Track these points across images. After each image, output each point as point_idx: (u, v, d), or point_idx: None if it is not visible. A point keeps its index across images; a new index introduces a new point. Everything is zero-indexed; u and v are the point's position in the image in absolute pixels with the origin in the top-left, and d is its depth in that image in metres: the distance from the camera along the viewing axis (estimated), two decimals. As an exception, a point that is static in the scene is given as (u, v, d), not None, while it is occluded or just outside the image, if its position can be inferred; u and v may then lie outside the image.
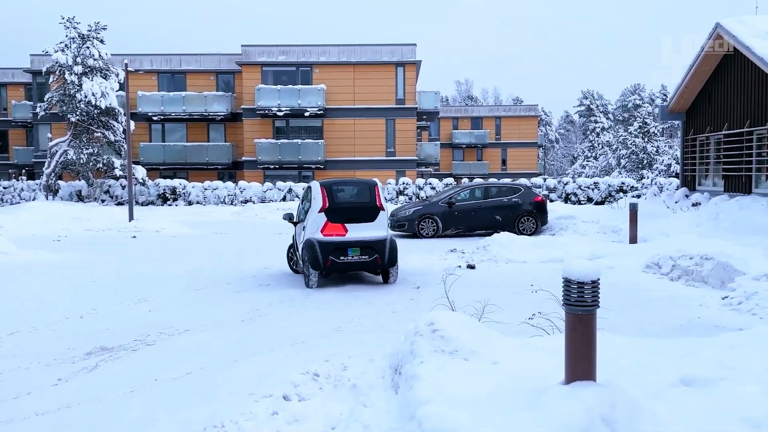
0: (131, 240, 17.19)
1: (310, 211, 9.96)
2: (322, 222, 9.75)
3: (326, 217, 9.76)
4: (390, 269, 10.05)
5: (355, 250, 9.73)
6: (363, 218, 9.96)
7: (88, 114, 28.81)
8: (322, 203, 9.80)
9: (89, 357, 5.94)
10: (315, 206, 9.87)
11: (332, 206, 9.81)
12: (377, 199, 10.17)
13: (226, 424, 4.04)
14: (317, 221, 9.78)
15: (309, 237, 9.81)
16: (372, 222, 9.99)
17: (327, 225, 9.74)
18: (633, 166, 46.23)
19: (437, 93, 39.80)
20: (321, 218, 9.77)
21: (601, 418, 3.12)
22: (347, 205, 10.07)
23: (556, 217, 18.04)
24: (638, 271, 10.33)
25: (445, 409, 3.32)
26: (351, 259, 9.72)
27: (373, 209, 10.09)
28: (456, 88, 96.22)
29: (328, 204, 9.81)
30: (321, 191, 9.92)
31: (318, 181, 10.32)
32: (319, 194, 9.89)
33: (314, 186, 10.20)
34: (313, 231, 9.79)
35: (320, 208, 9.78)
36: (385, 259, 9.80)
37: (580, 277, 3.34)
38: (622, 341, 5.05)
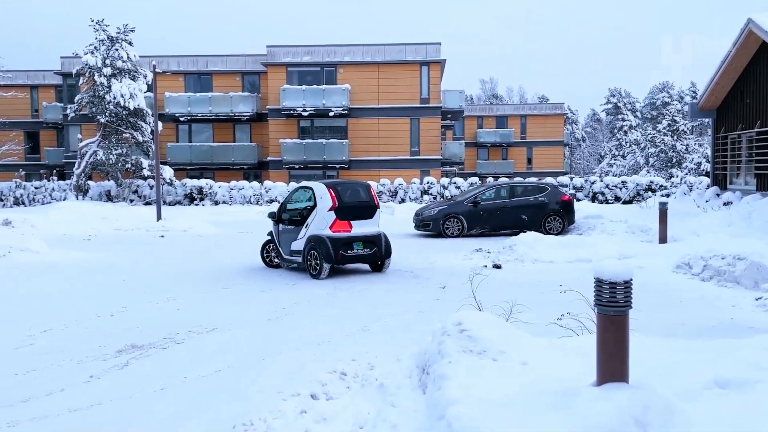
0: (159, 239, 17.42)
1: (318, 210, 10.75)
2: (331, 219, 10.66)
3: (335, 215, 10.66)
4: (386, 260, 11.24)
5: (359, 244, 10.85)
6: (364, 216, 11.09)
7: (117, 115, 29.26)
8: (332, 203, 10.64)
9: (120, 355, 6.02)
10: (323, 205, 10.69)
11: (340, 205, 10.70)
12: (374, 198, 11.37)
13: (255, 423, 4.07)
14: (326, 219, 10.66)
15: (316, 233, 10.64)
16: (371, 219, 11.18)
17: (336, 222, 10.69)
18: (662, 164, 45.54)
19: (462, 92, 39.66)
20: (330, 216, 10.65)
21: (634, 420, 3.07)
22: (352, 204, 10.97)
23: (583, 217, 17.84)
24: (668, 272, 10.16)
25: (474, 410, 3.30)
26: (356, 253, 10.82)
27: (372, 208, 11.25)
28: (480, 86, 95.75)
29: (337, 203, 10.66)
30: (329, 191, 10.76)
31: (321, 183, 11.13)
32: (327, 194, 10.72)
33: (319, 187, 10.97)
34: (322, 228, 10.66)
35: (330, 207, 10.64)
36: (382, 251, 11.06)
37: (612, 277, 3.29)
38: (653, 342, 4.97)
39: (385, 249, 11.08)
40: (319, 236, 10.55)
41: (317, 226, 10.70)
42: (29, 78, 41.70)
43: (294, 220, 11.33)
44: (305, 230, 10.90)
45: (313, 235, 10.64)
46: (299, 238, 11.00)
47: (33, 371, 5.51)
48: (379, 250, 11.01)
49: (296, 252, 11.07)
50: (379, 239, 11.06)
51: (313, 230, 10.72)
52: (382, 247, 11.05)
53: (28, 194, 32.25)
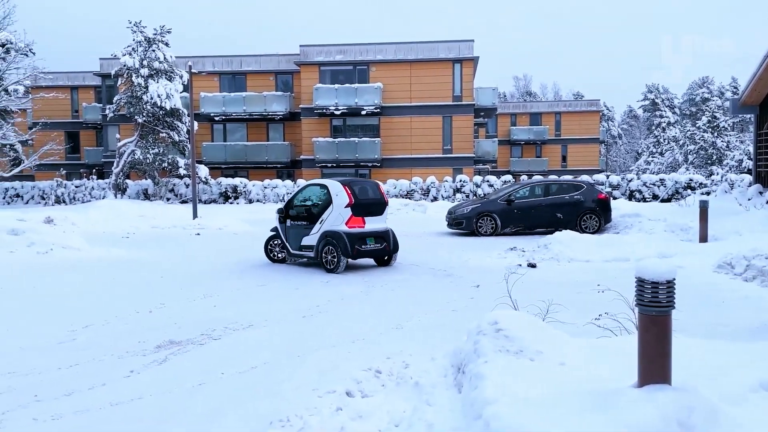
0: (195, 237, 17.69)
1: (334, 206, 11.15)
2: (347, 215, 11.09)
3: (351, 212, 11.09)
4: (393, 255, 11.78)
5: (371, 239, 11.32)
6: (376, 212, 11.58)
7: (154, 115, 29.79)
8: (348, 199, 11.06)
9: (159, 350, 6.13)
10: (340, 202, 11.11)
11: (356, 202, 11.13)
12: (384, 195, 11.89)
13: (292, 419, 4.09)
14: (343, 215, 11.10)
15: (332, 229, 11.08)
16: (381, 216, 11.69)
17: (351, 218, 11.12)
18: (701, 161, 44.49)
19: (495, 89, 39.34)
20: (347, 212, 11.09)
21: (678, 423, 3.00)
22: (365, 201, 11.40)
23: (620, 215, 17.52)
24: (709, 271, 9.92)
25: (513, 410, 3.26)
26: (369, 247, 11.26)
27: (383, 204, 11.77)
28: (514, 83, 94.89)
29: (353, 200, 11.08)
30: (344, 189, 11.16)
31: (335, 180, 11.55)
32: (343, 191, 11.13)
33: (334, 184, 11.35)
34: (338, 224, 11.10)
35: (347, 204, 11.07)
36: (391, 246, 11.59)
37: (655, 276, 3.22)
38: (695, 343, 4.85)
39: (393, 244, 11.62)
40: (335, 232, 10.99)
41: (333, 222, 11.13)
42: (69, 79, 42.75)
43: (303, 216, 11.76)
44: (319, 226, 11.31)
45: (329, 230, 11.08)
46: (312, 233, 11.41)
47: (75, 366, 5.64)
48: (388, 245, 11.52)
49: (307, 247, 11.52)
50: (388, 235, 11.58)
51: (328, 226, 11.15)
52: (391, 243, 11.58)
53: (69, 193, 33.11)
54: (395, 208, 25.78)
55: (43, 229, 14.51)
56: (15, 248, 13.01)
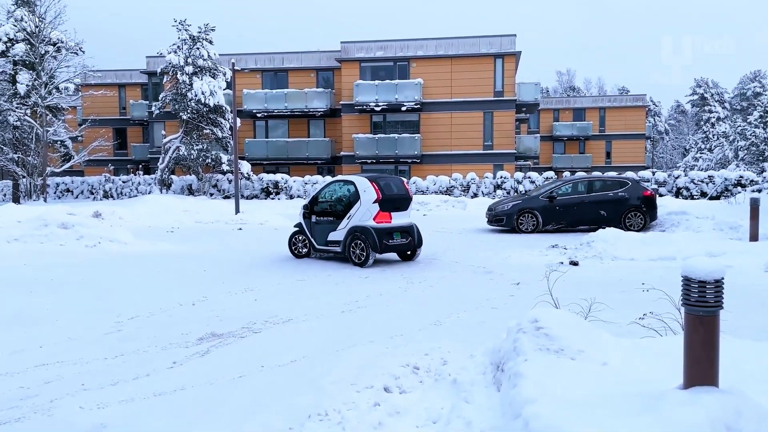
0: (237, 232, 17.97)
1: (362, 202, 11.32)
2: (375, 211, 11.27)
3: (379, 207, 11.27)
4: (417, 250, 11.92)
5: (398, 234, 11.53)
6: (401, 207, 11.76)
7: (198, 112, 30.33)
8: (376, 195, 11.23)
9: (201, 342, 6.24)
10: (367, 198, 11.28)
11: (383, 198, 11.30)
12: (408, 191, 12.02)
13: (330, 413, 4.12)
14: (371, 210, 11.27)
15: (360, 224, 11.26)
16: (406, 211, 11.87)
17: (379, 213, 11.30)
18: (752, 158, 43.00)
19: (537, 84, 38.79)
20: (375, 208, 11.27)
21: (726, 427, 2.90)
22: (392, 196, 11.55)
23: (666, 213, 17.08)
24: (760, 271, 9.58)
25: (553, 410, 3.21)
26: (396, 242, 11.47)
27: (408, 200, 11.93)
28: (557, 78, 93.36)
29: (381, 196, 11.25)
30: (372, 185, 11.31)
31: (362, 176, 11.73)
32: (371, 187, 11.29)
33: (361, 180, 11.51)
34: (366, 219, 11.27)
35: (375, 200, 11.24)
36: (415, 241, 11.75)
37: (702, 275, 3.12)
38: (744, 345, 4.69)
39: (417, 239, 11.79)
40: (364, 227, 11.19)
41: (361, 217, 11.32)
42: (117, 77, 43.85)
43: (329, 212, 11.94)
44: (347, 221, 11.48)
45: (357, 225, 11.28)
46: (339, 228, 11.59)
47: (121, 356, 5.79)
48: (413, 240, 11.70)
49: (334, 242, 11.70)
50: (413, 230, 11.79)
51: (356, 221, 11.34)
52: (416, 237, 11.75)
53: (116, 188, 34.02)
54: (435, 204, 25.69)
55: (92, 223, 14.94)
56: (65, 241, 13.44)
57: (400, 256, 12.11)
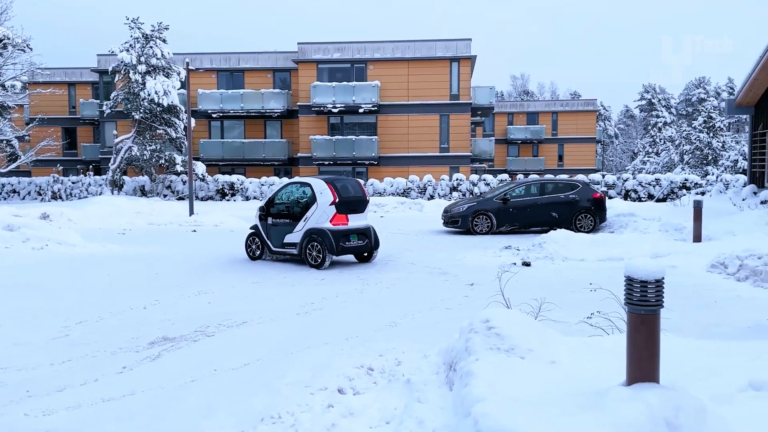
0: (191, 234, 17.68)
1: (318, 204, 11.35)
2: (332, 213, 11.28)
3: (336, 209, 11.28)
4: (374, 251, 12.01)
5: (354, 236, 11.54)
6: (358, 209, 11.76)
7: (151, 112, 29.75)
8: (333, 197, 11.25)
9: (152, 346, 6.13)
10: (324, 200, 11.30)
11: (340, 200, 11.30)
12: (365, 193, 12.06)
13: (283, 416, 4.11)
14: (327, 212, 11.29)
15: (317, 226, 11.29)
16: (363, 213, 11.89)
17: (336, 216, 11.31)
18: (697, 162, 44.55)
19: (492, 88, 39.35)
20: (331, 210, 11.28)
21: (665, 422, 3.01)
22: (348, 198, 11.56)
23: (615, 215, 17.57)
24: (703, 271, 9.95)
25: (501, 408, 3.28)
26: (353, 244, 11.50)
27: (365, 202, 11.95)
28: (511, 82, 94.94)
29: (337, 198, 11.25)
30: (328, 187, 11.34)
31: (318, 178, 11.74)
32: (327, 189, 11.32)
33: (318, 182, 11.54)
34: (323, 221, 11.29)
35: (331, 202, 11.25)
36: (372, 243, 11.81)
37: (644, 275, 3.24)
38: (686, 343, 4.87)
39: (374, 241, 11.87)
40: (320, 229, 11.22)
41: (318, 219, 11.34)
42: (67, 75, 42.65)
43: (286, 214, 11.95)
44: (303, 224, 11.50)
45: (314, 228, 11.31)
46: (296, 231, 11.60)
47: (68, 361, 5.65)
48: (370, 242, 11.77)
49: (290, 244, 11.69)
50: (370, 231, 11.83)
51: (313, 223, 11.37)
52: (372, 239, 11.82)
53: (66, 189, 33.05)
54: (392, 206, 25.79)
55: (39, 224, 14.49)
56: (10, 244, 13.00)
57: (356, 257, 12.16)
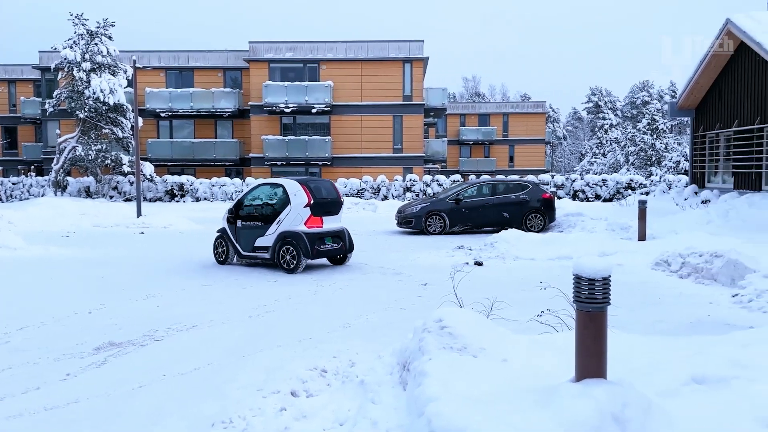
0: (139, 236, 17.25)
1: (292, 206, 10.95)
2: (307, 215, 10.93)
3: (311, 211, 10.94)
4: (349, 254, 11.70)
5: (329, 239, 11.24)
6: (333, 211, 11.49)
7: (97, 110, 28.90)
8: (307, 199, 10.91)
9: (98, 352, 5.95)
10: (298, 202, 10.93)
11: (315, 201, 11.00)
12: (339, 195, 11.80)
13: (235, 420, 4.04)
14: (302, 215, 10.92)
15: (290, 229, 10.88)
16: (337, 215, 11.62)
17: (310, 218, 10.97)
18: (641, 162, 45.95)
19: (444, 89, 39.71)
20: (306, 212, 10.93)
21: (613, 417, 3.09)
22: (323, 200, 11.25)
23: (564, 214, 17.97)
24: (647, 269, 10.26)
25: (454, 407, 3.30)
26: (328, 247, 11.17)
27: (339, 204, 11.70)
28: (463, 84, 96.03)
29: (312, 200, 10.93)
30: (303, 188, 11.00)
31: (291, 179, 11.34)
32: (301, 191, 10.97)
33: (291, 184, 11.17)
34: (297, 224, 10.92)
35: (306, 203, 10.91)
36: (347, 245, 11.53)
37: (591, 273, 3.31)
38: (632, 339, 5.01)
39: (349, 243, 11.58)
40: (295, 232, 10.82)
41: (291, 222, 10.95)
42: (7, 72, 41.07)
43: (256, 216, 11.46)
44: (276, 226, 11.06)
45: (288, 231, 10.89)
46: (268, 234, 11.16)
47: (8, 369, 5.42)
48: (344, 245, 11.49)
49: (261, 248, 11.26)
50: (344, 234, 11.56)
51: (287, 226, 10.96)
52: (347, 242, 11.54)
53: (6, 190, 31.76)
54: (346, 207, 25.73)
55: (-24, 227, 13.88)
56: (-55, 248, 12.41)
57: (330, 260, 11.82)
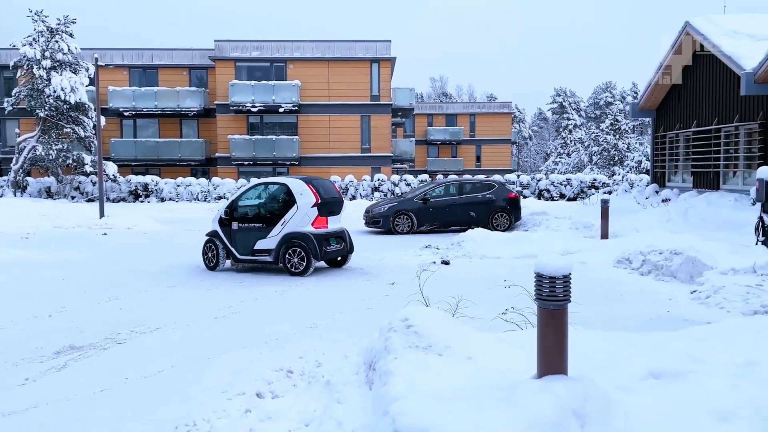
0: (102, 237, 16.92)
1: (299, 206, 10.49)
2: (314, 216, 10.52)
3: (317, 212, 10.52)
4: (349, 255, 11.37)
5: (333, 239, 10.85)
6: (335, 211, 11.11)
7: (57, 109, 28.25)
8: (314, 199, 10.49)
9: (58, 356, 5.83)
10: (305, 201, 10.48)
11: (322, 201, 10.59)
12: (340, 194, 11.44)
13: (198, 423, 4.00)
14: (309, 215, 10.49)
15: (297, 230, 10.44)
16: (338, 215, 11.24)
17: (317, 218, 10.56)
18: (604, 162, 46.82)
19: (412, 89, 39.85)
20: (313, 212, 10.51)
21: (573, 412, 3.15)
22: (328, 200, 10.85)
23: (529, 213, 18.21)
24: (609, 266, 10.47)
25: (418, 405, 3.32)
26: (332, 248, 10.78)
27: (341, 203, 11.34)
28: (431, 84, 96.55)
29: (319, 199, 10.53)
30: (309, 188, 10.55)
31: (295, 178, 10.89)
32: (308, 190, 10.53)
33: (296, 183, 10.70)
34: (304, 224, 10.48)
35: (313, 203, 10.48)
36: (348, 246, 11.19)
37: (552, 272, 3.37)
38: (593, 335, 5.11)
39: (350, 244, 11.25)
40: (302, 233, 10.39)
41: (298, 222, 10.49)
42: (-38, 69, 39.81)
43: (256, 218, 10.90)
44: (280, 227, 10.55)
45: (294, 232, 10.43)
46: (270, 236, 10.61)
47: (-36, 375, 5.28)
48: (347, 246, 11.15)
49: (262, 251, 10.68)
50: (345, 234, 11.23)
51: (293, 227, 10.48)
52: (348, 242, 11.21)
53: (-38, 191, 30.81)
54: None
55: (-70, 229, 13.45)
56: None
57: (328, 263, 11.46)
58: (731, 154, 16.50)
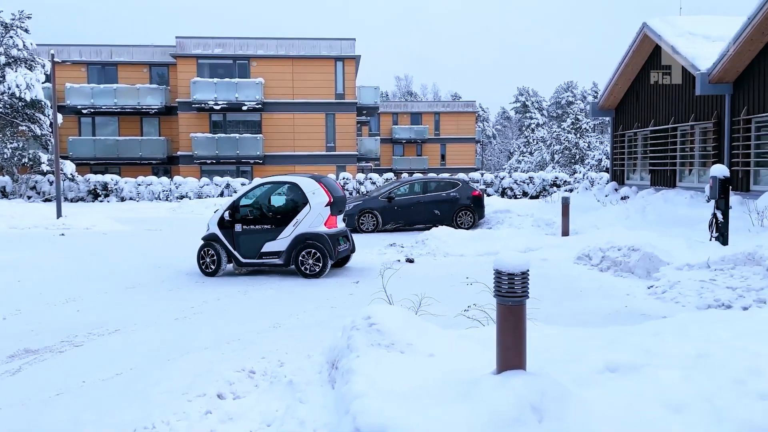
0: (59, 238, 16.50)
1: (312, 206, 10.17)
2: (327, 215, 10.20)
3: (330, 211, 10.22)
4: (351, 255, 11.08)
5: (342, 239, 10.56)
6: (342, 210, 10.87)
7: (12, 106, 27.47)
8: (327, 198, 10.19)
9: (12, 360, 5.67)
10: (318, 201, 10.17)
11: (334, 200, 10.31)
12: (344, 192, 10.93)
13: (158, 425, 3.95)
14: (322, 215, 10.17)
15: (311, 230, 10.09)
16: (341, 215, 10.92)
17: (329, 218, 10.26)
18: (566, 161, 47.58)
19: (377, 88, 39.88)
20: (326, 212, 10.20)
21: (531, 407, 3.20)
22: (337, 199, 10.56)
23: (492, 211, 18.41)
24: (570, 263, 10.64)
25: (379, 403, 3.34)
26: (342, 248, 10.47)
27: (346, 201, 11.05)
28: (396, 83, 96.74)
29: (332, 198, 10.26)
30: (321, 186, 10.24)
31: (305, 177, 10.54)
32: (320, 189, 10.22)
33: (307, 181, 10.34)
34: (317, 224, 10.15)
35: (327, 203, 10.18)
36: (352, 246, 10.97)
37: (510, 268, 3.42)
38: (552, 331, 5.20)
39: (353, 244, 11.04)
40: (316, 233, 10.06)
41: (311, 223, 10.14)
42: None
43: (263, 219, 10.44)
44: (293, 228, 10.16)
45: (308, 232, 10.07)
46: (280, 237, 10.19)
47: None
48: (351, 245, 10.96)
49: (271, 254, 10.22)
50: (349, 234, 11.03)
51: (305, 227, 10.12)
52: (352, 242, 11.03)
53: None
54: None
55: None
56: None
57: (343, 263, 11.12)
58: (687, 152, 16.95)
